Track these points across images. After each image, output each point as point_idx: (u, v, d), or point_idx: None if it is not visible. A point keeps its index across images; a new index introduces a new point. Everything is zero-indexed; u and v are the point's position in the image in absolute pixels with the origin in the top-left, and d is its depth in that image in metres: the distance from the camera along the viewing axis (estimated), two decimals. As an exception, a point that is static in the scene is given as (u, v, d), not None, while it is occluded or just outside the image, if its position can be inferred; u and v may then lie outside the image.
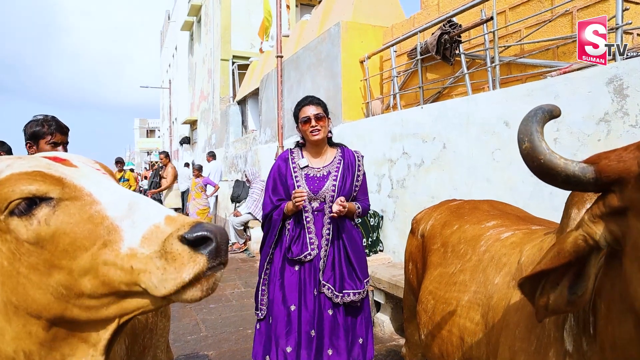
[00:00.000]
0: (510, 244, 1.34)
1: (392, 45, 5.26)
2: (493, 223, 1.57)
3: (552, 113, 0.97)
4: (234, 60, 13.37)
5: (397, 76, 5.24)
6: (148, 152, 38.89)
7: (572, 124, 2.83)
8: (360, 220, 4.74)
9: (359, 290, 2.26)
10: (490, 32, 3.87)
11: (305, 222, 2.32)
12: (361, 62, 5.79)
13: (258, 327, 2.35)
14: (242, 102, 11.71)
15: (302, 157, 2.44)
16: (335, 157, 2.44)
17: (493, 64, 3.82)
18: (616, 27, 2.95)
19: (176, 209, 9.03)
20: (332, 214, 2.22)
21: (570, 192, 1.14)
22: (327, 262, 2.28)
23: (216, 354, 3.41)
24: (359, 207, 2.39)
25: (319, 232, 2.32)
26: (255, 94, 10.38)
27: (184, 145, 19.26)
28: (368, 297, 2.42)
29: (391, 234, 4.73)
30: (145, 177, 18.94)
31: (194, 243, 0.76)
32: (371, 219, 4.76)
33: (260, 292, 2.35)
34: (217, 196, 10.16)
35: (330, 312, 2.25)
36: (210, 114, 14.61)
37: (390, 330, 3.80)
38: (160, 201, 13.07)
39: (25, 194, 0.75)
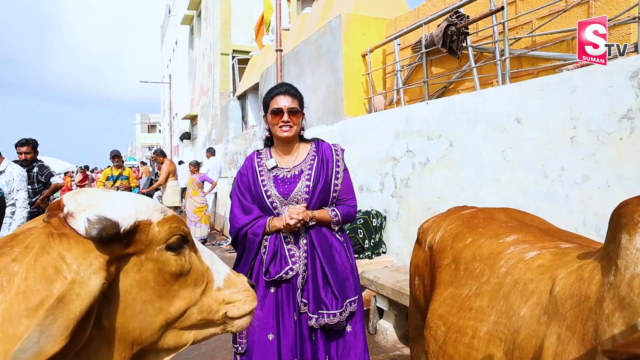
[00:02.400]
0: (537, 267, 1.13)
1: (396, 38, 5.04)
2: (513, 238, 1.37)
3: None
4: (234, 55, 13.14)
5: (400, 70, 5.02)
6: (149, 148, 38.75)
7: (591, 121, 2.62)
8: (350, 225, 4.55)
9: (332, 312, 1.89)
10: (500, 23, 3.65)
11: (281, 232, 2.00)
12: (363, 56, 5.57)
13: (238, 358, 2.01)
14: (242, 97, 11.49)
15: (271, 157, 2.11)
16: (308, 154, 2.10)
17: (503, 57, 3.60)
18: (639, 17, 2.74)
19: (175, 208, 8.81)
20: (285, 225, 1.92)
21: (616, 211, 0.93)
22: (306, 278, 1.96)
23: (209, 365, 3.23)
24: (336, 215, 2.03)
25: (296, 242, 2.00)
26: (255, 88, 10.17)
27: (184, 140, 19.08)
28: (361, 322, 2.04)
29: (394, 236, 4.53)
30: (145, 174, 18.76)
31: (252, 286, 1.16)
32: (373, 220, 4.56)
33: None
34: (216, 193, 9.97)
35: (313, 337, 1.94)
36: (210, 109, 14.41)
37: (394, 339, 3.61)
38: (153, 198, 12.85)
39: (184, 232, 0.92)
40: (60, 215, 0.75)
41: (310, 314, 1.91)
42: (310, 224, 1.98)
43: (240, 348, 1.98)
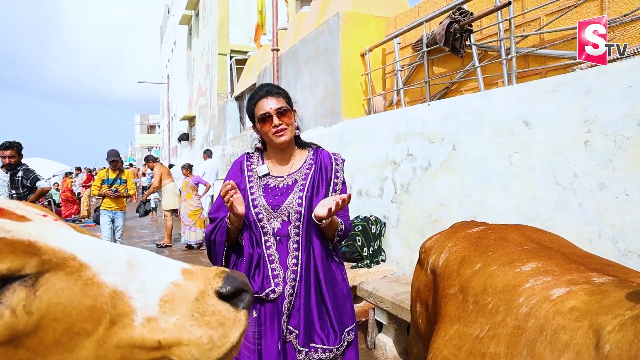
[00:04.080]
0: (570, 310, 0.92)
1: (396, 36, 4.82)
2: (532, 267, 1.16)
3: None
4: (232, 55, 12.95)
5: (401, 70, 4.81)
6: (149, 148, 38.62)
7: (607, 124, 2.40)
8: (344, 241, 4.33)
9: (329, 347, 1.67)
10: (506, 19, 3.43)
11: (265, 249, 1.74)
12: (362, 56, 5.36)
13: None
14: (239, 98, 11.29)
15: (262, 162, 1.89)
16: (305, 162, 1.88)
17: (509, 56, 3.39)
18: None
19: (173, 211, 8.63)
20: (316, 216, 1.66)
21: None
22: (295, 303, 1.72)
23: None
24: (341, 223, 1.80)
25: (283, 261, 1.75)
26: (253, 89, 9.98)
27: (182, 142, 18.90)
28: (355, 349, 1.81)
29: (394, 243, 4.32)
30: (144, 174, 18.58)
31: (229, 297, 0.65)
32: (372, 226, 4.35)
33: None
34: (212, 196, 9.76)
35: None
36: (208, 110, 14.21)
37: (394, 355, 3.40)
38: (154, 203, 12.63)
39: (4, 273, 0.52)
40: None
41: (299, 347, 1.67)
42: (323, 224, 1.72)
43: None
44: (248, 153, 1.98)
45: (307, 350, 1.66)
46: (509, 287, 1.12)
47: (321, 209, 1.63)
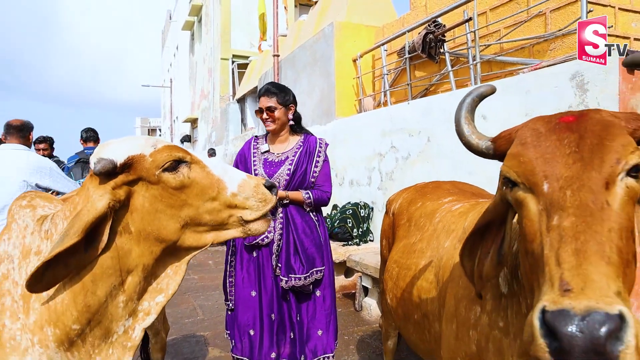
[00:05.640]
0: (458, 213, 1.56)
1: (383, 44, 5.48)
2: (449, 199, 1.80)
3: (482, 95, 1.14)
4: (234, 59, 13.60)
5: (387, 74, 5.46)
6: (149, 151, 39.07)
7: (542, 117, 3.04)
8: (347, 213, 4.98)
9: (298, 276, 2.28)
10: (472, 31, 4.08)
11: None
12: (354, 61, 6.01)
13: (229, 313, 2.44)
14: (241, 100, 11.93)
15: (266, 142, 2.50)
16: (296, 144, 2.48)
17: (475, 62, 4.03)
18: (584, 26, 3.16)
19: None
20: None
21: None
22: (281, 246, 2.35)
23: (211, 334, 3.63)
24: (309, 197, 2.36)
25: (273, 215, 2.33)
26: (254, 92, 10.60)
27: (184, 143, 19.51)
28: (330, 289, 2.42)
29: (380, 225, 4.94)
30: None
31: (268, 188, 1.30)
32: (362, 210, 4.98)
33: (228, 284, 2.42)
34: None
35: (287, 297, 2.33)
36: (211, 112, 14.84)
37: (377, 314, 4.02)
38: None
39: (175, 158, 1.16)
40: None
41: (281, 277, 2.33)
42: (284, 202, 2.39)
43: (230, 304, 2.41)
44: (256, 136, 2.62)
45: (286, 279, 2.31)
46: (433, 211, 1.76)
47: None
